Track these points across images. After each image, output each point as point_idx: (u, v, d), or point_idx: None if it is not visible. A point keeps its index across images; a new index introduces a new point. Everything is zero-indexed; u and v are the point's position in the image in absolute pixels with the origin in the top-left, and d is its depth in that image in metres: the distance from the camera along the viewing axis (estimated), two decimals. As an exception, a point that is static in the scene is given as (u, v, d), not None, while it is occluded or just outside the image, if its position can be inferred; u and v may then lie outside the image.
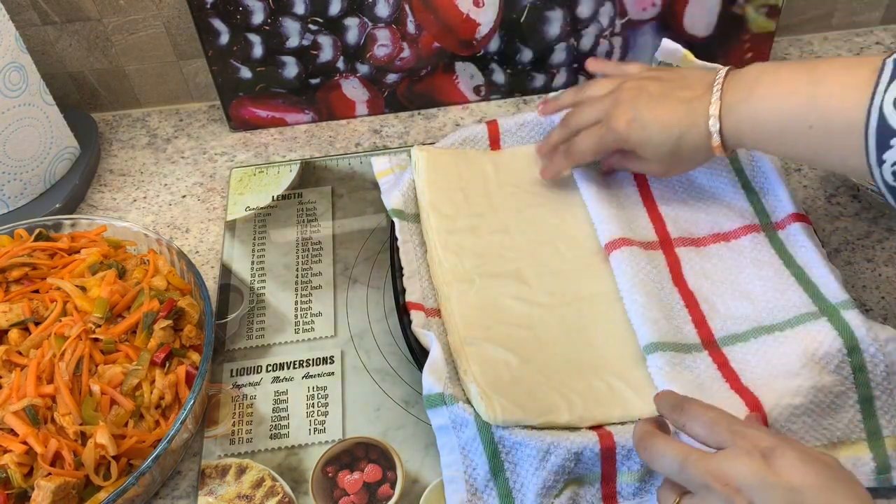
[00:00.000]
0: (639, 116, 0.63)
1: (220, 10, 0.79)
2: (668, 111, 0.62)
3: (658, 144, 0.63)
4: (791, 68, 0.57)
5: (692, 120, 0.61)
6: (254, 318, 0.72)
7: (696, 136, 0.61)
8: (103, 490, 0.56)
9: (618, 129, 0.64)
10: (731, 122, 0.60)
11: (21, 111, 0.75)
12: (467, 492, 0.56)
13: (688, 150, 0.63)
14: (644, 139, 0.63)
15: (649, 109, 0.63)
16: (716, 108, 0.60)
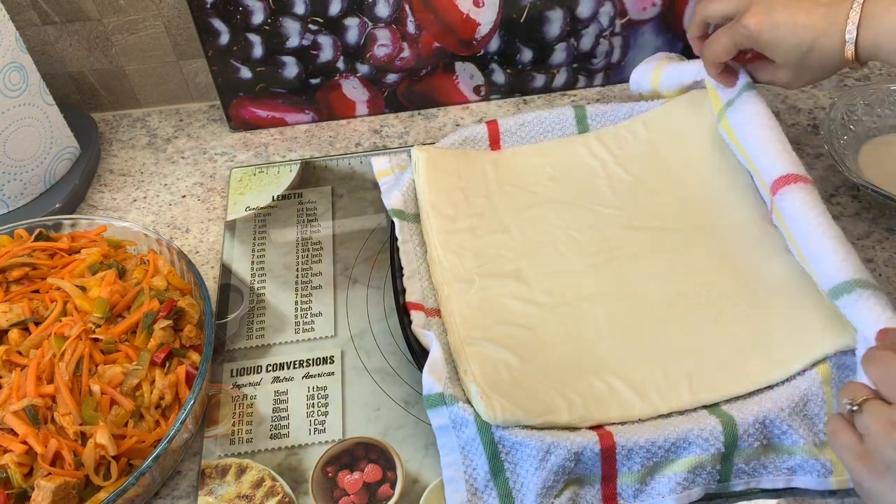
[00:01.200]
0: (773, 15, 0.62)
1: (220, 10, 0.79)
2: (804, 13, 0.61)
3: (789, 48, 0.62)
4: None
5: (828, 25, 0.60)
6: (254, 318, 0.72)
7: (829, 44, 0.60)
8: (103, 490, 0.56)
9: (749, 27, 0.63)
10: (870, 32, 0.58)
11: (21, 111, 0.75)
12: (467, 492, 0.56)
13: (819, 58, 0.62)
14: (775, 40, 0.62)
15: (784, 8, 0.62)
16: (856, 15, 0.59)
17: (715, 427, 0.55)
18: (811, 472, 0.57)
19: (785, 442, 0.57)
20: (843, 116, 0.77)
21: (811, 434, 0.57)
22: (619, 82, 0.89)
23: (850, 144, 0.76)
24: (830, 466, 0.57)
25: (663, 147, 0.75)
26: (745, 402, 0.58)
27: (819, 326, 0.60)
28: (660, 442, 0.55)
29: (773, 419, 0.56)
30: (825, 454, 0.57)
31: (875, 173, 0.74)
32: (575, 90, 0.90)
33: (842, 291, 0.57)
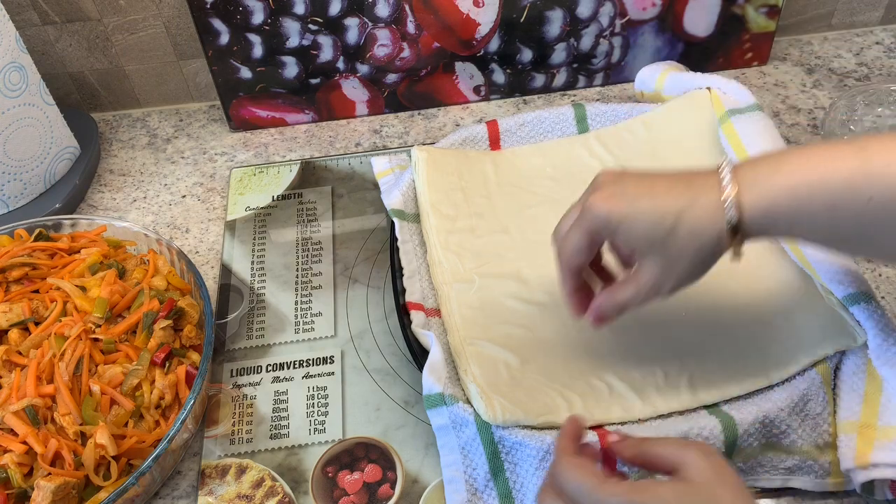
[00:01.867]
0: (623, 191, 0.51)
1: (220, 10, 0.79)
2: (659, 184, 0.50)
3: (648, 223, 0.49)
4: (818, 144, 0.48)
5: (693, 195, 0.49)
6: (254, 318, 0.72)
7: (700, 216, 0.48)
8: (103, 490, 0.56)
9: (595, 206, 0.51)
10: (756, 197, 0.47)
11: (21, 111, 0.75)
12: (467, 492, 0.56)
13: (687, 238, 0.49)
14: (630, 214, 0.50)
15: (636, 184, 0.51)
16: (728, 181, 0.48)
17: (715, 427, 0.55)
18: (809, 473, 0.57)
19: (783, 442, 0.57)
20: (844, 116, 0.77)
21: (811, 435, 0.57)
22: (619, 82, 0.89)
23: (849, 144, 0.76)
24: (829, 468, 0.57)
25: (663, 147, 0.75)
26: (744, 402, 0.58)
27: (818, 327, 0.60)
28: (660, 442, 0.55)
29: (772, 419, 0.56)
30: (825, 456, 0.57)
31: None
32: (575, 90, 0.90)
33: (858, 300, 0.58)
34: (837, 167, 0.46)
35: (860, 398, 0.57)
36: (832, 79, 0.88)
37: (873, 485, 0.55)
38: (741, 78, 0.88)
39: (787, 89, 0.87)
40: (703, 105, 0.75)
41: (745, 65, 0.90)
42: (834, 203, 0.46)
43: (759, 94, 0.86)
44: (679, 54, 0.87)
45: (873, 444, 0.55)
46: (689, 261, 0.50)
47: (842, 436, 0.56)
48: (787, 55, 0.91)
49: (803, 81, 0.88)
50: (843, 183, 0.45)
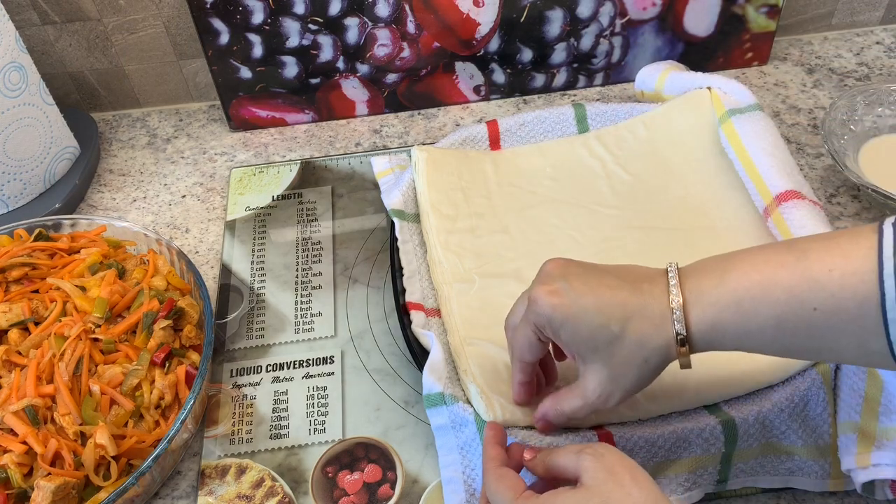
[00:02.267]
0: (569, 284, 0.49)
1: (220, 10, 0.79)
2: (608, 286, 0.48)
3: (593, 327, 0.47)
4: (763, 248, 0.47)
5: (642, 301, 0.47)
6: (254, 318, 0.72)
7: (646, 327, 0.47)
8: (103, 490, 0.56)
9: (539, 302, 0.49)
10: (703, 312, 0.46)
11: (21, 111, 0.75)
12: (466, 492, 0.56)
13: (634, 347, 0.47)
14: (574, 313, 0.48)
15: (580, 279, 0.49)
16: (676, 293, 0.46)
17: (715, 427, 0.55)
18: (810, 474, 0.57)
19: (784, 442, 0.57)
20: (844, 116, 0.77)
21: (811, 435, 0.57)
22: (619, 82, 0.89)
23: (850, 144, 0.76)
24: (829, 468, 0.57)
25: (663, 147, 0.75)
26: (744, 402, 0.58)
27: None
28: (660, 442, 0.55)
29: (772, 419, 0.56)
30: (825, 456, 0.57)
31: (875, 173, 0.74)
32: (575, 90, 0.90)
33: None
34: (780, 277, 0.44)
35: (860, 399, 0.57)
36: (832, 79, 0.88)
37: (873, 485, 0.55)
38: (741, 78, 0.88)
39: (788, 89, 0.87)
40: (703, 105, 0.75)
41: (745, 65, 0.90)
42: (779, 315, 0.44)
43: (760, 93, 0.86)
44: (679, 54, 0.87)
45: (874, 444, 0.55)
46: (636, 371, 0.48)
47: (842, 436, 0.56)
48: (788, 55, 0.91)
49: (803, 81, 0.88)
50: (787, 294, 0.44)
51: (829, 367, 0.58)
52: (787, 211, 0.65)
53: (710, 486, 0.57)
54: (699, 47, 0.87)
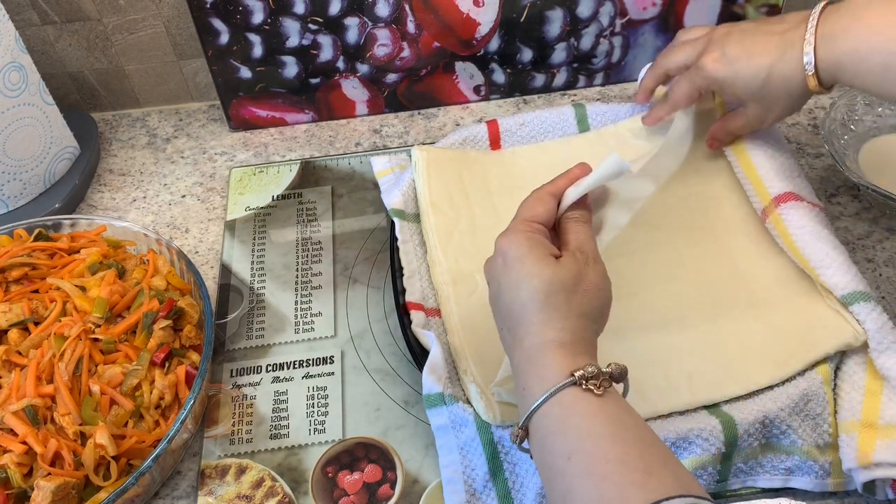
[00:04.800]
0: (727, 52, 0.62)
1: (220, 10, 0.79)
2: (758, 43, 0.61)
3: (747, 79, 0.62)
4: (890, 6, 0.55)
5: (782, 50, 0.59)
6: (254, 318, 0.72)
7: (787, 69, 0.59)
8: (103, 490, 0.56)
9: (705, 68, 0.64)
10: (828, 52, 0.57)
11: (21, 111, 0.75)
12: (466, 492, 0.56)
13: (781, 85, 0.61)
14: (732, 75, 0.62)
15: (737, 43, 0.62)
16: (811, 37, 0.58)
17: (715, 427, 0.55)
18: (809, 473, 0.57)
19: (783, 442, 0.57)
20: (844, 116, 0.77)
21: (811, 435, 0.57)
22: (619, 82, 0.89)
23: (850, 144, 0.76)
24: (829, 468, 0.57)
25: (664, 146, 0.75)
26: (745, 402, 0.58)
27: (819, 327, 0.60)
28: (660, 442, 0.55)
29: (772, 419, 0.56)
30: (825, 456, 0.57)
31: (875, 173, 0.74)
32: (575, 90, 0.90)
33: (858, 299, 0.59)
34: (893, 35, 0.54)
35: (861, 397, 0.57)
36: (832, 78, 0.88)
37: (874, 484, 0.55)
38: (741, 78, 0.88)
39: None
40: (704, 103, 0.75)
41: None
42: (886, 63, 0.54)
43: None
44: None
45: (875, 443, 0.55)
46: (784, 101, 0.63)
47: (843, 435, 0.56)
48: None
49: (803, 81, 0.88)
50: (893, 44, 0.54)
51: (830, 366, 0.58)
52: (786, 212, 0.65)
53: (710, 486, 0.57)
54: (699, 47, 0.87)
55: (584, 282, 0.51)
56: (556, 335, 0.48)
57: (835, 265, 0.61)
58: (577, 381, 0.45)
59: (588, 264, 0.52)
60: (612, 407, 0.45)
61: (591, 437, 0.44)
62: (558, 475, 0.44)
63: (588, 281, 0.51)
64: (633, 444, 0.43)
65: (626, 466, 0.42)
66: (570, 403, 0.45)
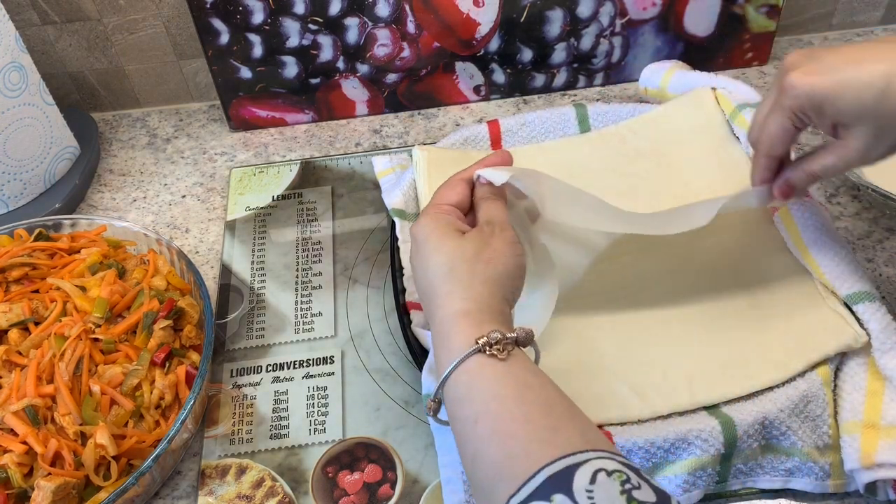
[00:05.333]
0: (822, 64, 0.49)
1: (220, 10, 0.79)
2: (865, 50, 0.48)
3: (859, 90, 0.47)
4: None
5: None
6: (254, 318, 0.72)
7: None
8: (103, 490, 0.56)
9: (797, 84, 0.50)
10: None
11: (21, 111, 0.75)
12: (465, 492, 0.56)
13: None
14: (833, 84, 0.48)
15: (832, 53, 0.49)
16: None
17: (714, 428, 0.55)
18: (809, 475, 0.57)
19: (783, 443, 0.57)
20: (844, 116, 0.77)
21: (811, 436, 0.57)
22: (619, 82, 0.89)
23: (850, 144, 0.76)
24: (829, 470, 0.57)
25: (665, 146, 0.75)
26: (744, 403, 0.58)
27: (819, 328, 0.60)
28: (659, 443, 0.55)
29: (772, 420, 0.56)
30: (825, 458, 0.57)
31: (875, 173, 0.74)
32: (575, 90, 0.90)
33: (862, 298, 0.59)
34: None
35: (863, 398, 0.57)
36: (832, 79, 0.88)
37: (875, 485, 0.55)
38: (742, 78, 0.88)
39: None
40: (705, 104, 0.75)
41: (745, 65, 0.90)
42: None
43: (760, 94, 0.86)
44: (679, 54, 0.87)
45: (878, 443, 0.55)
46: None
47: (845, 436, 0.56)
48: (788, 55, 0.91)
49: (803, 81, 0.88)
50: None
51: (830, 368, 0.58)
52: (795, 207, 0.65)
53: (710, 486, 0.57)
54: (699, 47, 0.87)
55: (487, 250, 0.51)
56: (461, 305, 0.49)
57: (843, 264, 0.61)
58: (480, 348, 0.46)
59: (494, 234, 0.52)
60: (518, 370, 0.46)
61: (496, 399, 0.44)
62: (467, 440, 0.44)
63: (492, 249, 0.51)
64: (538, 403, 0.43)
65: (532, 424, 0.42)
66: (476, 370, 0.45)
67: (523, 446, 0.41)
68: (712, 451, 0.55)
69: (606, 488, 0.37)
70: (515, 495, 0.39)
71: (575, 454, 0.39)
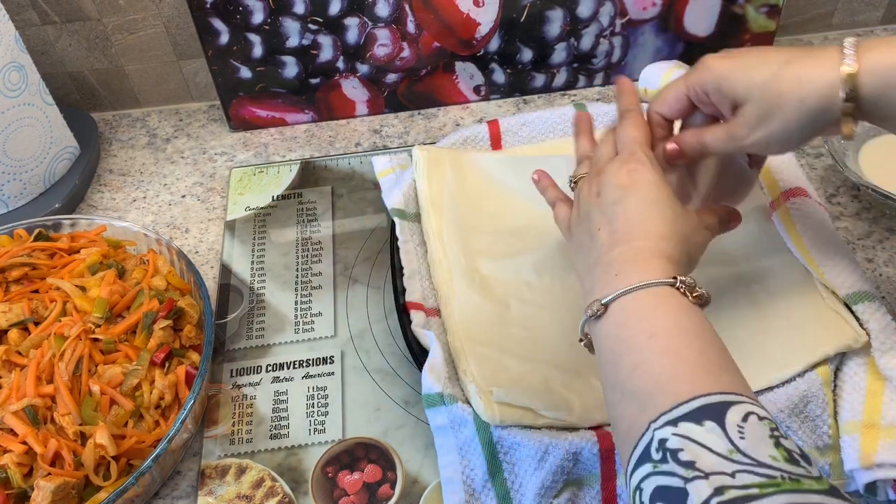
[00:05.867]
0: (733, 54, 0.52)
1: (220, 10, 0.79)
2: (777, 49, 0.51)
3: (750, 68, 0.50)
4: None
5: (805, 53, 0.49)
6: (254, 318, 0.72)
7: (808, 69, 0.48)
8: (103, 490, 0.56)
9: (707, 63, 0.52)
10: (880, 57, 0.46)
11: (21, 111, 0.75)
12: (465, 492, 0.56)
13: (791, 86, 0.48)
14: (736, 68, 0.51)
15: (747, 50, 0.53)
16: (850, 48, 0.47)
17: (715, 428, 0.55)
18: None
19: (784, 443, 0.57)
20: (844, 116, 0.77)
21: (811, 436, 0.57)
22: (619, 82, 0.89)
23: (850, 144, 0.76)
24: (829, 470, 0.57)
25: None
26: None
27: (819, 328, 0.60)
28: (659, 442, 0.55)
29: (772, 420, 0.56)
30: (825, 458, 0.57)
31: (875, 173, 0.74)
32: (575, 90, 0.90)
33: (862, 298, 0.59)
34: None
35: (863, 398, 0.57)
36: (832, 79, 0.88)
37: (875, 485, 0.55)
38: (741, 78, 0.88)
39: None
40: None
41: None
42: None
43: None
44: (679, 54, 0.87)
45: (878, 443, 0.55)
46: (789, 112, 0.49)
47: (845, 436, 0.56)
48: None
49: (804, 81, 0.88)
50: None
51: (830, 368, 0.58)
52: (794, 206, 0.65)
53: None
54: (699, 47, 0.87)
55: (694, 238, 0.53)
56: (671, 251, 0.50)
57: (841, 264, 0.61)
58: (677, 284, 0.47)
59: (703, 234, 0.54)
60: (700, 316, 0.47)
61: (678, 326, 0.45)
62: (634, 349, 0.45)
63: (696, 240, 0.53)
64: (713, 345, 0.45)
65: (705, 357, 0.43)
66: (666, 296, 0.46)
67: (691, 371, 0.42)
68: (712, 451, 0.55)
69: (756, 429, 0.39)
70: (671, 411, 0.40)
71: (734, 394, 0.41)
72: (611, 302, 0.47)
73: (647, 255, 0.49)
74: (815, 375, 0.58)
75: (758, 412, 0.40)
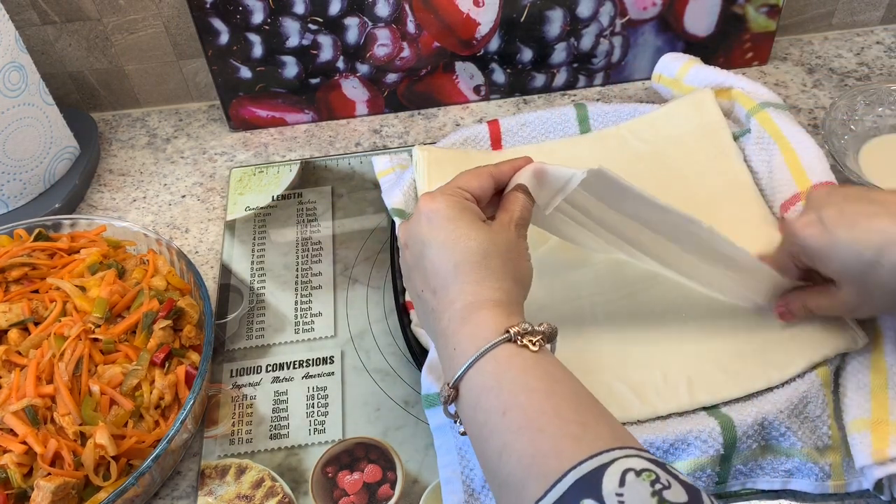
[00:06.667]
0: (823, 217, 0.52)
1: (220, 10, 0.79)
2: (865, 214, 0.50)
3: (846, 257, 0.51)
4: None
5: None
6: (254, 318, 0.72)
7: None
8: (103, 490, 0.56)
9: (794, 231, 0.54)
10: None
11: (21, 111, 0.75)
12: (464, 493, 0.56)
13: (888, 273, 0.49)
14: (827, 245, 0.51)
15: (836, 210, 0.52)
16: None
17: (714, 429, 0.55)
18: (809, 476, 0.57)
19: (783, 444, 0.57)
20: (844, 116, 0.77)
21: (811, 437, 0.57)
22: (619, 82, 0.89)
23: (850, 144, 0.76)
24: (829, 470, 0.57)
25: (665, 148, 0.75)
26: (744, 404, 0.58)
27: (818, 329, 0.60)
28: (658, 443, 0.55)
29: (771, 421, 0.56)
30: (825, 458, 0.57)
31: (875, 173, 0.74)
32: (575, 90, 0.90)
33: None
34: None
35: (867, 395, 0.57)
36: (833, 78, 0.88)
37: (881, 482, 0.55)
38: (741, 78, 0.88)
39: (788, 89, 0.87)
40: (705, 106, 0.75)
41: (745, 64, 0.90)
42: None
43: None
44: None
45: (889, 438, 0.55)
46: (891, 296, 0.51)
47: (854, 434, 0.56)
48: (788, 55, 0.91)
49: (804, 81, 0.88)
50: None
51: (829, 368, 0.58)
52: None
53: (709, 487, 0.57)
54: (699, 47, 0.87)
55: (515, 250, 0.52)
56: (491, 294, 0.48)
57: None
58: (512, 337, 0.46)
59: (519, 236, 0.53)
60: (547, 363, 0.45)
61: (527, 391, 0.43)
62: (493, 432, 0.44)
63: (518, 250, 0.52)
64: (568, 398, 0.43)
65: (562, 419, 0.42)
66: (506, 359, 0.45)
67: (553, 443, 0.41)
68: (712, 452, 0.55)
69: (637, 490, 0.37)
70: (544, 498, 0.39)
71: (603, 453, 0.39)
72: (458, 383, 0.46)
73: (471, 313, 0.48)
74: (815, 376, 0.58)
75: (634, 466, 0.38)
